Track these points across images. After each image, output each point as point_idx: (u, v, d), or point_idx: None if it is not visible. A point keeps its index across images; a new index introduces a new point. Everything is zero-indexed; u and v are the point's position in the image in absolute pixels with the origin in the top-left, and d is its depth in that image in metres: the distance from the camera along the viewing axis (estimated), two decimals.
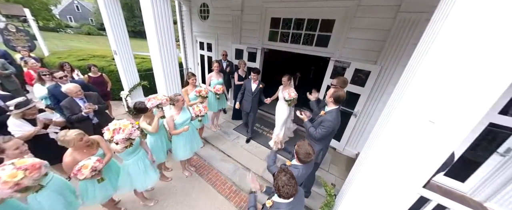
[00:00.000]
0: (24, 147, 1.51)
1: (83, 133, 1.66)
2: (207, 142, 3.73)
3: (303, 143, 1.58)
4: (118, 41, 4.03)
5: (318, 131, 2.02)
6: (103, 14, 3.77)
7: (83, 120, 2.49)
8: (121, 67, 4.29)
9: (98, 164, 1.58)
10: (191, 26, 5.29)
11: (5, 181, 1.14)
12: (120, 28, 3.99)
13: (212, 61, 4.11)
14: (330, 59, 3.26)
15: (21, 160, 1.29)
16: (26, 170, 1.23)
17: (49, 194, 1.52)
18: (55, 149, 1.63)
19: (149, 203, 2.42)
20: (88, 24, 26.39)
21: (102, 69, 4.84)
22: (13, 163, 1.23)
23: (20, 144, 1.49)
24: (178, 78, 3.39)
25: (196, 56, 5.70)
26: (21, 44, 7.01)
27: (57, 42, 14.04)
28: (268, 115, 4.82)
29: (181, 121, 2.35)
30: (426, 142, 1.13)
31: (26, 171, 1.23)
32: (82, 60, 5.63)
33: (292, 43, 3.72)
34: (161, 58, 2.94)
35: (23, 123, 2.07)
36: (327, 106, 2.11)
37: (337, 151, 3.65)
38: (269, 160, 1.90)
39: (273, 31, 3.91)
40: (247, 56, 4.43)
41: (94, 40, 18.45)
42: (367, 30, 2.76)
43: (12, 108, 1.99)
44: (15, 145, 1.45)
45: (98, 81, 3.83)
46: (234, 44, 4.52)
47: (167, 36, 2.88)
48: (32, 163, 1.28)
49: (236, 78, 4.05)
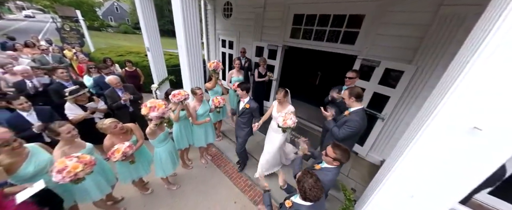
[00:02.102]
0: (74, 131, 1.75)
1: (117, 121, 1.88)
2: (225, 136, 3.86)
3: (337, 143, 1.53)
4: (150, 39, 4.38)
5: (342, 130, 1.92)
6: (139, 14, 4.13)
7: (121, 108, 2.86)
8: (152, 63, 4.67)
9: (129, 149, 1.77)
10: (215, 24, 5.47)
11: (69, 171, 1.35)
12: (153, 27, 4.33)
13: (233, 59, 4.21)
14: (356, 57, 3.05)
15: (83, 154, 1.51)
16: (85, 164, 1.44)
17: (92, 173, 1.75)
18: (98, 132, 1.89)
19: (172, 187, 2.67)
20: (125, 24, 29.31)
21: (136, 64, 5.36)
22: (78, 157, 1.45)
23: (72, 128, 1.73)
24: (202, 74, 3.56)
25: (218, 53, 5.89)
26: (73, 41, 8.28)
27: (100, 40, 15.92)
28: None
29: (202, 112, 2.61)
30: (468, 151, 1.00)
31: (85, 165, 1.43)
32: (120, 56, 6.32)
33: (316, 40, 3.58)
34: (187, 55, 3.11)
35: (76, 107, 2.46)
36: (350, 106, 2.00)
37: (359, 156, 3.43)
38: (295, 166, 1.85)
39: (296, 28, 3.82)
40: (268, 53, 4.42)
41: (129, 38, 20.41)
42: (402, 25, 2.50)
43: (67, 94, 2.38)
44: (67, 129, 1.67)
45: (133, 75, 4.30)
46: (255, 42, 4.54)
47: (193, 35, 3.03)
48: (90, 160, 1.49)
49: (256, 76, 4.08)
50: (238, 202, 2.58)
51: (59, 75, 2.94)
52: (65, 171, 1.34)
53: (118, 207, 2.33)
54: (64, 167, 1.35)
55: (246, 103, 2.45)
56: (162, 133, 2.11)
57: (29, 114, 2.17)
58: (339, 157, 1.48)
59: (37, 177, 1.57)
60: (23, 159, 1.53)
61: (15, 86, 2.87)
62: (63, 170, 1.34)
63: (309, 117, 4.55)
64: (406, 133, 1.67)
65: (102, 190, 1.88)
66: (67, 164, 1.36)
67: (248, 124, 2.58)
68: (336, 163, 1.52)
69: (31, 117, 2.17)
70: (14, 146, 1.47)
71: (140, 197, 2.52)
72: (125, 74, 4.20)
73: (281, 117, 2.00)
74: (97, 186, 1.83)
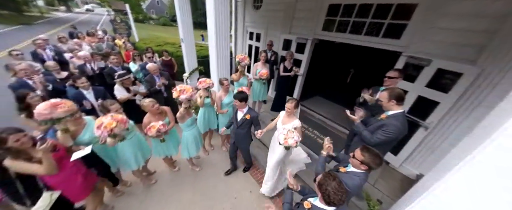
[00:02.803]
0: (120, 109, 2.05)
1: (155, 101, 2.15)
2: None
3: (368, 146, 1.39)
4: (185, 31, 4.65)
5: (376, 135, 1.72)
6: (176, 7, 4.39)
7: (157, 92, 3.20)
8: (185, 53, 4.98)
9: (162, 127, 2.04)
10: (244, 16, 5.45)
11: (105, 126, 1.61)
12: (187, 20, 4.57)
13: (260, 51, 4.16)
14: (401, 54, 2.65)
15: (115, 115, 1.78)
16: (118, 121, 1.69)
17: (130, 144, 2.05)
18: (139, 112, 2.21)
19: (195, 168, 2.94)
20: (164, 17, 31.86)
21: (171, 54, 5.81)
22: (111, 115, 1.72)
23: (119, 107, 2.04)
24: (228, 65, 3.62)
25: (245, 46, 5.90)
26: (122, 32, 9.51)
27: (143, 31, 17.72)
28: (320, 118, 4.51)
29: (227, 101, 2.79)
30: None
31: (118, 122, 1.69)
32: (159, 46, 6.98)
33: (352, 34, 3.23)
34: (216, 47, 3.20)
35: (122, 89, 2.89)
36: (388, 109, 1.76)
37: (390, 166, 3.07)
38: (318, 167, 1.73)
39: (329, 19, 3.51)
40: (296, 47, 4.21)
41: (167, 30, 22.13)
42: (465, 17, 2.03)
43: (117, 77, 2.82)
44: (116, 108, 1.99)
45: (168, 64, 4.73)
46: (283, 35, 4.37)
47: (223, 27, 3.08)
48: (121, 118, 1.76)
49: (281, 70, 3.96)
50: (253, 192, 2.65)
51: (111, 61, 3.45)
52: (102, 126, 1.60)
53: (151, 178, 2.69)
54: (100, 123, 1.61)
55: (246, 114, 2.26)
56: (190, 119, 2.36)
57: (88, 92, 2.62)
58: (368, 161, 1.33)
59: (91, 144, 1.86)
60: (82, 128, 1.85)
61: (78, 69, 3.47)
62: (101, 126, 1.59)
63: (334, 117, 4.24)
64: (458, 147, 1.39)
65: (138, 162, 2.18)
66: (103, 121, 1.62)
67: (249, 133, 2.47)
68: (364, 167, 1.37)
69: (89, 95, 2.62)
70: (76, 116, 1.78)
71: (168, 173, 2.85)
72: (163, 62, 4.62)
73: (283, 134, 1.78)
74: (135, 158, 2.13)
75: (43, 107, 1.50)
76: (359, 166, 1.38)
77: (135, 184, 2.60)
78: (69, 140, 1.70)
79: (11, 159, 1.34)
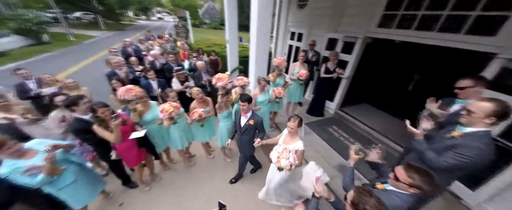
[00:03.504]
0: (176, 97, 2.46)
1: (201, 90, 2.49)
2: (277, 127, 3.87)
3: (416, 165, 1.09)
4: (231, 33, 5.02)
5: (445, 158, 1.31)
6: (225, 11, 4.81)
7: (202, 87, 3.64)
8: (229, 53, 5.37)
9: (203, 113, 2.34)
10: (287, 16, 5.36)
11: (166, 110, 2.04)
12: (234, 22, 4.92)
13: (299, 51, 3.99)
14: (494, 57, 1.97)
15: (172, 102, 2.20)
16: (174, 107, 2.11)
17: (179, 127, 2.42)
18: (187, 103, 2.58)
19: (227, 158, 3.17)
20: (215, 21, 35.41)
21: (218, 54, 6.40)
22: (169, 103, 2.12)
23: (175, 95, 2.45)
24: (266, 65, 3.66)
25: (285, 46, 5.80)
26: (182, 35, 11.36)
27: (197, 34, 20.29)
28: (365, 128, 3.98)
29: (261, 100, 2.86)
30: None
31: (175, 108, 2.11)
32: (208, 46, 7.91)
33: (420, 30, 2.65)
34: (256, 47, 3.29)
35: (177, 82, 3.45)
36: (469, 124, 1.31)
37: (462, 203, 2.33)
38: (346, 177, 1.49)
39: (388, 14, 2.99)
40: (342, 47, 3.81)
41: (217, 33, 24.47)
42: None
43: (174, 72, 3.41)
44: (173, 95, 2.40)
45: (214, 63, 5.33)
46: (328, 34, 4.03)
47: (264, 29, 3.12)
48: (176, 105, 2.17)
49: (322, 71, 3.67)
50: None
51: (169, 59, 4.17)
52: (164, 111, 2.04)
53: (191, 160, 3.09)
54: (163, 108, 2.06)
55: (249, 119, 2.07)
56: (226, 111, 2.57)
57: (154, 82, 3.31)
58: (419, 184, 1.03)
59: (151, 124, 2.32)
60: (147, 110, 2.32)
61: (150, 64, 4.35)
62: (163, 110, 2.05)
63: (384, 130, 3.59)
64: None
65: (183, 143, 2.57)
66: (164, 106, 2.08)
67: (251, 139, 2.20)
68: (414, 190, 1.06)
69: (154, 84, 3.31)
70: (144, 100, 2.29)
71: (205, 159, 3.19)
72: (209, 61, 5.20)
73: (277, 151, 1.52)
74: (180, 139, 2.51)
75: (121, 90, 2.05)
76: (406, 189, 1.10)
77: (179, 163, 3.04)
78: (137, 117, 2.22)
79: (96, 125, 1.83)
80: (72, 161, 1.74)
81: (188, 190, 2.59)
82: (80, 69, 7.48)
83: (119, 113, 2.01)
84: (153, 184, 2.64)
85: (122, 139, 1.93)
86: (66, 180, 1.64)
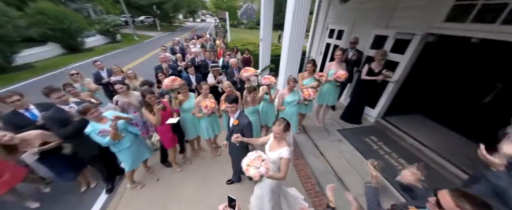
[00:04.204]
0: (208, 90, 2.62)
1: (231, 84, 2.63)
2: (304, 131, 3.63)
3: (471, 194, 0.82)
4: (265, 31, 5.03)
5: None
6: (261, 11, 4.83)
7: (234, 83, 3.76)
8: (261, 52, 5.39)
9: None
10: (327, 12, 4.97)
11: (210, 106, 2.26)
12: (269, 22, 4.90)
13: (336, 50, 3.62)
14: None
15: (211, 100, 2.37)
16: (213, 103, 2.33)
17: (208, 119, 2.60)
18: (220, 96, 2.75)
19: None
20: (252, 21, 36.30)
21: (251, 52, 6.52)
22: (209, 100, 2.35)
23: (208, 88, 2.61)
24: (297, 65, 3.48)
25: (322, 45, 5.40)
26: (221, 34, 12.37)
27: (234, 34, 21.31)
28: (415, 144, 3.34)
29: (289, 100, 2.73)
30: None
31: (213, 103, 2.33)
32: (243, 45, 8.21)
33: (508, 25, 2.00)
34: (288, 46, 3.17)
35: (212, 77, 3.69)
36: None
37: None
38: (370, 198, 1.25)
39: (461, 5, 2.38)
40: (392, 45, 3.26)
41: (252, 33, 25.11)
42: None
43: (210, 67, 3.67)
44: (206, 88, 2.57)
45: (247, 61, 5.54)
46: (376, 30, 3.51)
47: (299, 27, 2.97)
48: (214, 101, 2.39)
49: (364, 72, 3.23)
50: None
51: (205, 56, 4.51)
52: (208, 107, 2.27)
53: (218, 150, 3.24)
54: (206, 105, 2.28)
55: (235, 119, 1.92)
56: (252, 107, 2.59)
57: (193, 77, 3.62)
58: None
59: (187, 113, 2.59)
60: (186, 99, 2.58)
61: (190, 61, 4.81)
62: (207, 106, 2.27)
63: (442, 149, 2.89)
64: None
65: (209, 134, 2.73)
66: (206, 103, 2.29)
67: (242, 144, 1.95)
68: None
69: (193, 79, 3.61)
70: (184, 91, 2.55)
71: None
72: (242, 59, 5.36)
73: (249, 158, 1.33)
74: (207, 130, 2.68)
75: (167, 80, 2.34)
76: None
77: (207, 152, 3.24)
78: (177, 105, 2.49)
79: (144, 108, 2.20)
80: (130, 131, 2.15)
81: (213, 177, 2.75)
82: (140, 62, 9.16)
83: (162, 100, 2.33)
84: (184, 167, 2.93)
85: (161, 122, 2.24)
86: (124, 145, 2.08)
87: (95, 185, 2.57)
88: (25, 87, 5.85)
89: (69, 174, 2.29)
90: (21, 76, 6.83)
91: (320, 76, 2.95)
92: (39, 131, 1.89)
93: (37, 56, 8.89)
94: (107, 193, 2.48)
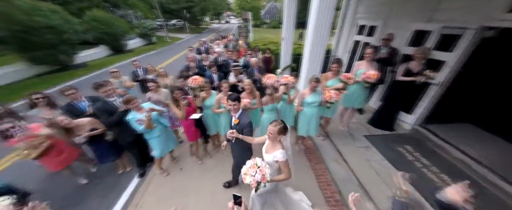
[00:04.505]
0: (228, 88, 2.69)
1: (251, 82, 2.67)
2: (328, 136, 3.42)
3: None
4: (287, 30, 4.91)
5: None
6: (284, 10, 4.74)
7: (254, 82, 3.76)
8: (283, 51, 5.29)
9: (247, 104, 2.45)
10: (356, 7, 4.59)
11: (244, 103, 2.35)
12: (291, 20, 4.77)
13: (366, 47, 3.30)
14: None
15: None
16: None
17: (226, 116, 2.68)
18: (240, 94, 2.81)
19: None
20: (275, 20, 36.00)
21: (272, 52, 6.47)
22: None
23: (228, 86, 2.69)
24: (320, 64, 3.29)
25: (350, 42, 5.02)
26: (243, 34, 12.70)
27: (257, 34, 21.54)
28: (462, 157, 2.86)
29: (310, 101, 2.63)
30: None
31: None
32: (264, 44, 8.23)
33: None
34: (311, 45, 3.01)
35: (233, 76, 3.82)
36: None
37: None
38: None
39: None
40: (436, 42, 2.83)
41: (275, 32, 24.92)
42: None
43: (231, 67, 3.82)
44: (226, 86, 2.66)
45: (267, 60, 5.56)
46: (416, 24, 3.10)
47: (323, 25, 2.80)
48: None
49: (400, 72, 2.88)
50: (316, 207, 2.27)
51: (227, 55, 4.66)
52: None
53: None
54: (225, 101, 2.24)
55: (237, 118, 1.89)
56: (271, 105, 2.63)
57: (215, 75, 3.80)
58: None
59: (209, 109, 2.74)
60: (208, 97, 2.74)
61: (212, 61, 4.99)
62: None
63: (503, 168, 2.39)
64: None
65: (225, 130, 2.75)
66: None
67: (244, 143, 1.91)
68: None
69: (215, 77, 3.79)
70: (206, 89, 2.72)
71: None
72: (263, 59, 5.35)
73: (245, 167, 1.33)
74: (224, 128, 2.78)
75: (189, 80, 2.58)
76: None
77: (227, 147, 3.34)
78: (200, 101, 2.69)
79: (171, 102, 2.43)
80: (161, 122, 2.39)
81: (230, 173, 2.76)
82: (171, 62, 10.23)
83: (187, 96, 2.54)
84: (205, 160, 3.13)
85: (186, 117, 2.44)
86: (154, 134, 2.33)
87: (130, 169, 2.94)
88: (78, 83, 6.95)
89: (109, 157, 2.65)
90: (78, 73, 8.22)
91: (347, 79, 2.69)
92: (89, 118, 2.26)
93: (91, 56, 10.58)
94: (139, 177, 2.80)
